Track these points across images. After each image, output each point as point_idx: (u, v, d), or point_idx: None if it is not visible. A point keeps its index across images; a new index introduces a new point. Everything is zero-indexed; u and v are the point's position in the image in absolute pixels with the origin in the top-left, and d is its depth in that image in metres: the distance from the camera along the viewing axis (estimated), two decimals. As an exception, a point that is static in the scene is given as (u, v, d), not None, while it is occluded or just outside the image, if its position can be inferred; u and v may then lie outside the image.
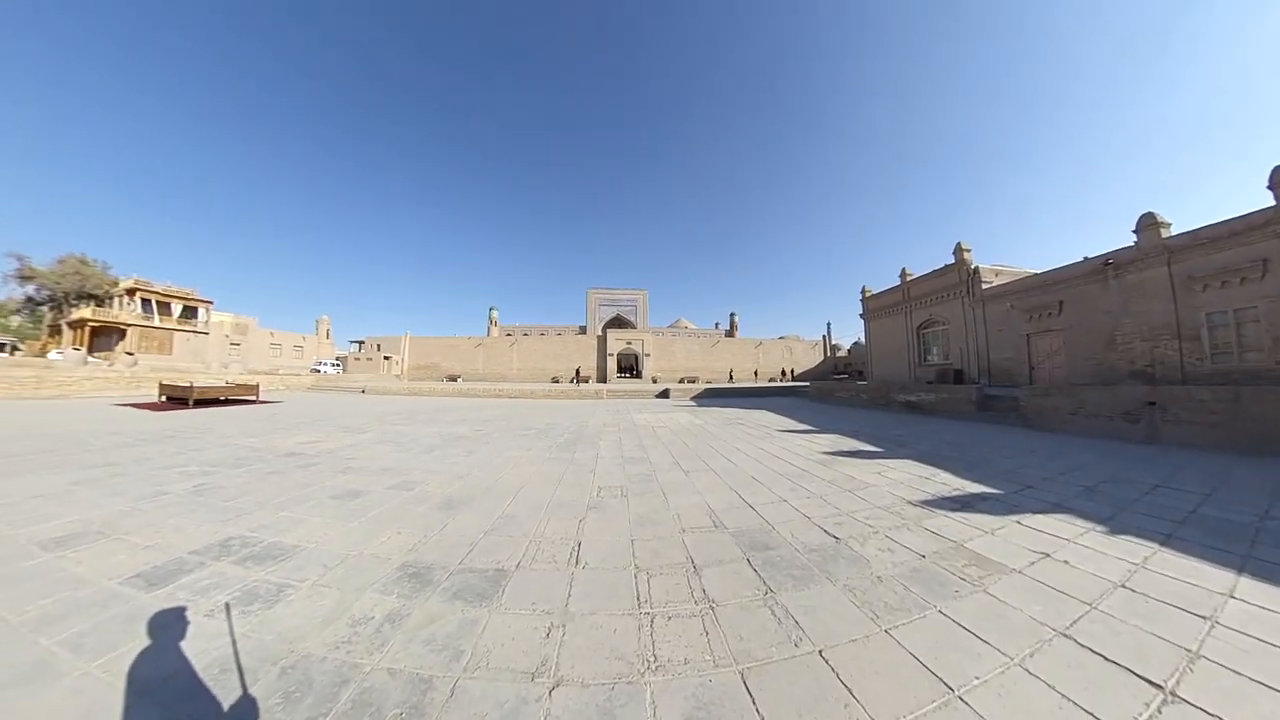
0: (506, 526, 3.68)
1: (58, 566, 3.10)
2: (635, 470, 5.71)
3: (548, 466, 6.01)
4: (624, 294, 52.67)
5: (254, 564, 3.06)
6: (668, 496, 4.50)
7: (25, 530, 3.82)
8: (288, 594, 2.63)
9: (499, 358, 47.13)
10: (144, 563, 3.13)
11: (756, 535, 3.41)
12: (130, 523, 4.01)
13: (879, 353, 25.28)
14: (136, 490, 5.11)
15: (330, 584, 2.76)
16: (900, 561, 2.94)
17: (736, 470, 5.64)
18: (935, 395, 13.49)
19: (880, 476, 5.28)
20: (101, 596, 2.64)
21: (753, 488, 4.80)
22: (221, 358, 38.13)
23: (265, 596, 2.61)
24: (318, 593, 2.65)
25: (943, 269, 20.24)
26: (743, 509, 4.06)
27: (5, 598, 2.62)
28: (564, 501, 4.36)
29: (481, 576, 2.79)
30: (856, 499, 4.37)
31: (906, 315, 22.71)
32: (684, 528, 3.58)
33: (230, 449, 7.58)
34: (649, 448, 7.41)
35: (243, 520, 4.02)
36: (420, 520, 3.91)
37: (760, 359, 47.58)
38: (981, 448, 7.28)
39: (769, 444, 7.67)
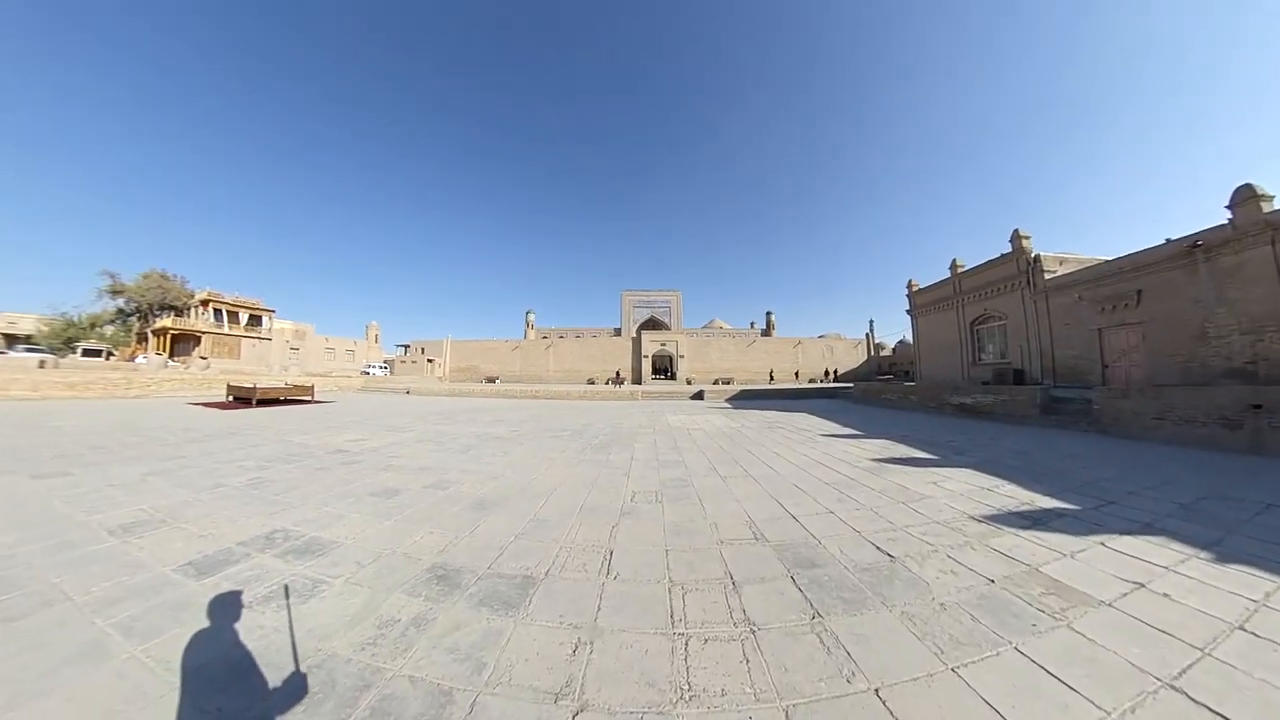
0: (537, 530, 3.62)
1: (122, 551, 3.33)
2: (670, 475, 5.54)
3: (581, 469, 5.95)
4: (658, 295, 52.51)
5: (294, 558, 3.16)
6: (704, 504, 4.30)
7: (99, 516, 4.15)
8: (321, 590, 2.68)
9: (536, 360, 48.08)
10: (197, 551, 3.31)
11: (801, 550, 3.15)
12: (190, 512, 4.27)
13: (928, 351, 23.79)
14: (199, 482, 5.47)
15: (362, 582, 2.79)
16: (965, 586, 2.62)
17: (777, 477, 5.36)
18: (993, 397, 12.51)
19: (937, 487, 4.86)
20: (155, 582, 2.81)
21: (795, 497, 4.52)
22: (282, 361, 41.03)
23: (300, 591, 2.67)
24: (349, 590, 2.68)
25: (998, 259, 18.62)
26: (785, 520, 3.80)
27: (74, 579, 2.84)
28: (596, 506, 4.26)
29: (509, 583, 2.72)
30: (911, 512, 4.00)
31: (958, 310, 21.19)
32: (722, 539, 3.37)
33: (284, 446, 8.02)
34: (684, 451, 7.21)
35: (289, 514, 4.19)
36: (452, 521, 3.92)
37: (799, 359, 46.07)
38: (1050, 456, 6.61)
39: (811, 449, 7.30)
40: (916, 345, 24.76)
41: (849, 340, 47.99)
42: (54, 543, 3.52)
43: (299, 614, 2.42)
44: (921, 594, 2.52)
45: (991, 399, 12.52)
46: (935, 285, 22.77)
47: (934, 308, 22.91)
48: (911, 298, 24.85)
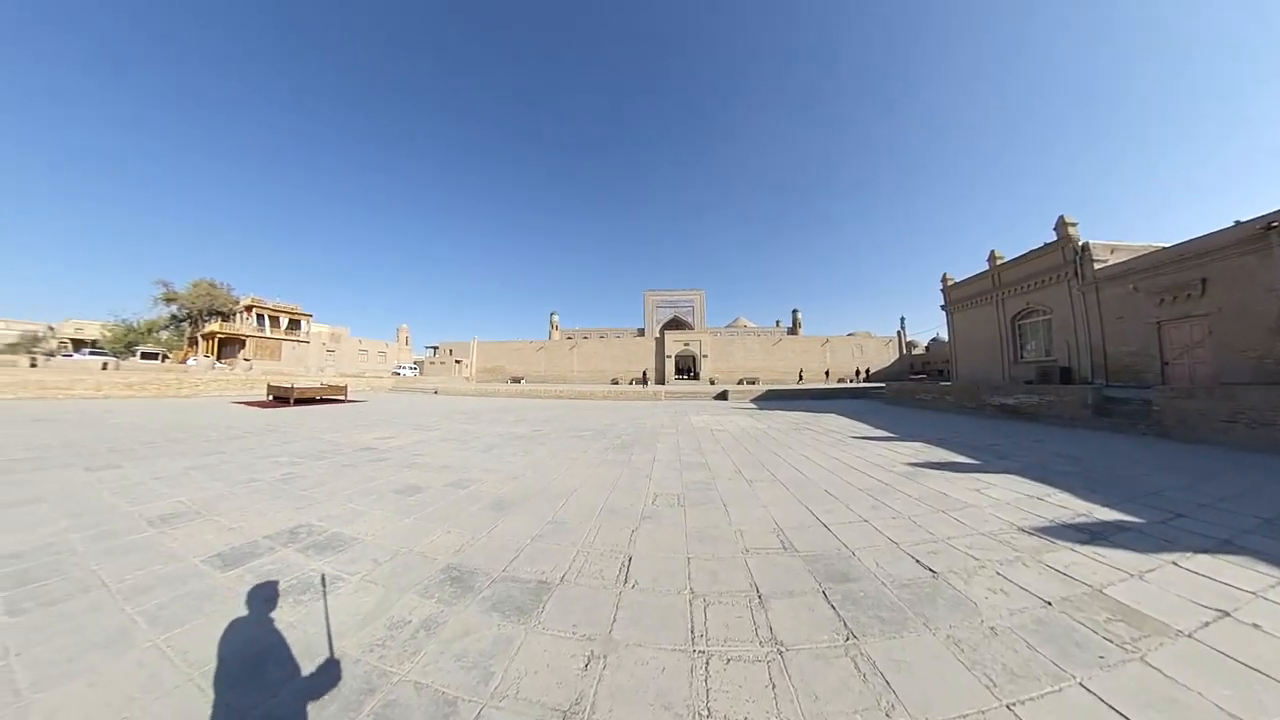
0: (555, 533, 3.53)
1: (157, 541, 3.47)
2: (693, 477, 5.37)
3: (602, 469, 5.87)
4: (681, 294, 52.18)
5: (315, 553, 3.21)
6: (729, 509, 4.12)
7: (140, 507, 4.37)
8: (337, 587, 2.69)
9: (560, 360, 48.54)
10: (225, 543, 3.42)
11: (834, 562, 2.93)
12: (224, 505, 4.44)
13: (965, 349, 22.63)
14: (236, 476, 5.68)
15: (377, 580, 2.78)
16: (1019, 608, 2.36)
17: (806, 482, 5.10)
18: (1038, 397, 11.75)
19: (980, 495, 4.52)
20: (184, 573, 2.90)
21: (827, 503, 4.26)
22: (319, 363, 42.88)
23: (317, 587, 2.69)
24: (364, 588, 2.67)
25: (1042, 249, 17.36)
26: (816, 529, 3.57)
27: (112, 566, 3.00)
28: (617, 509, 4.14)
29: (523, 588, 2.64)
30: (953, 522, 3.72)
31: (998, 305, 19.96)
32: (747, 547, 3.18)
33: (315, 443, 8.27)
34: (708, 452, 7.02)
35: (314, 509, 4.28)
36: (470, 520, 3.89)
37: (828, 358, 44.84)
38: (1106, 462, 6.10)
39: (842, 452, 6.99)
40: (952, 342, 23.64)
41: (879, 338, 46.41)
42: (98, 531, 3.72)
43: (313, 611, 2.42)
44: (969, 616, 2.29)
45: (1036, 399, 11.77)
46: (972, 279, 21.61)
47: (971, 303, 21.78)
48: (946, 292, 23.72)
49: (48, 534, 3.64)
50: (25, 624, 2.30)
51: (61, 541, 3.47)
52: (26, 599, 2.56)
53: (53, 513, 4.20)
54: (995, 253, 20.12)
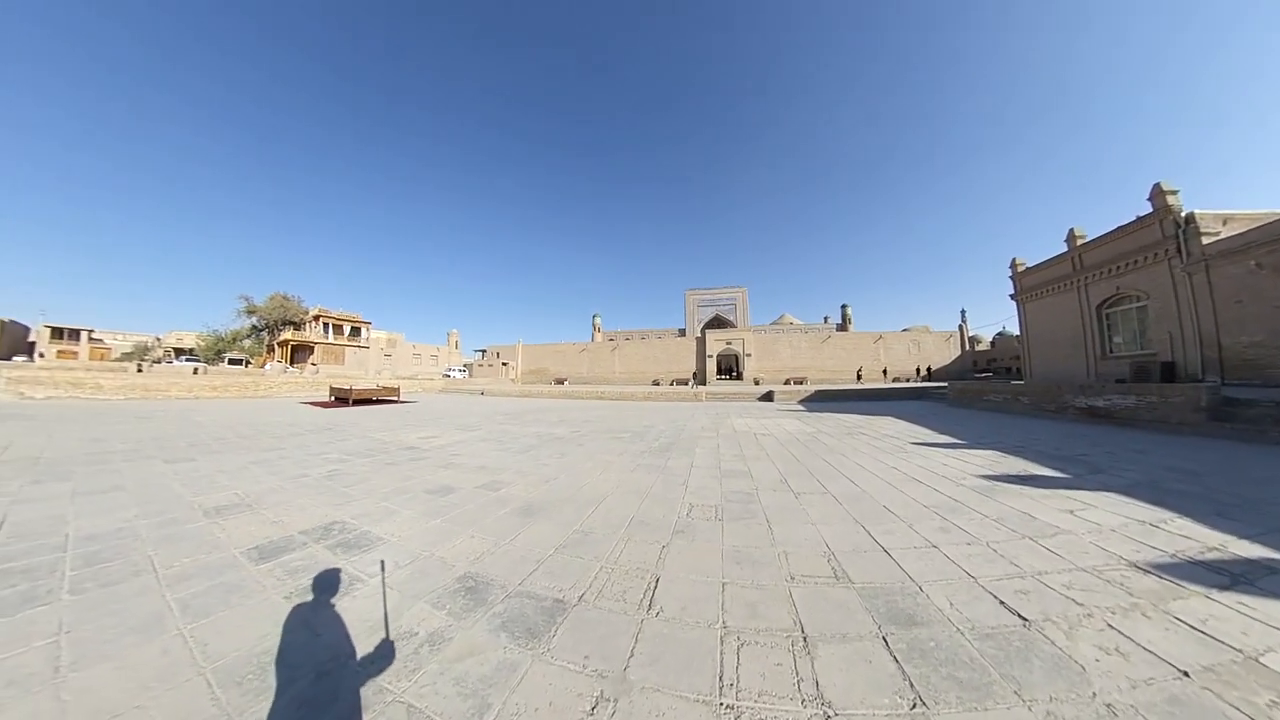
0: (580, 544, 3.32)
1: (207, 531, 3.65)
2: (734, 487, 4.98)
3: (637, 475, 5.61)
4: (722, 293, 51.08)
5: (342, 551, 3.23)
6: (772, 525, 3.69)
7: (200, 498, 4.67)
8: (355, 590, 2.66)
9: (602, 362, 48.96)
10: (264, 537, 3.53)
11: (897, 599, 2.47)
12: (272, 499, 4.64)
13: (1039, 343, 20.24)
14: (289, 471, 5.96)
15: (393, 585, 2.71)
16: (1144, 678, 1.83)
17: (862, 495, 4.57)
18: (1135, 398, 10.26)
19: (1075, 518, 3.84)
20: (222, 563, 3.02)
21: (886, 523, 3.74)
22: (378, 366, 45.95)
23: (337, 588, 2.69)
24: (378, 594, 2.61)
25: (1134, 223, 14.94)
26: (874, 554, 3.10)
27: (165, 553, 3.21)
28: (648, 520, 3.86)
29: (538, 605, 2.44)
30: (1044, 552, 3.12)
31: (1080, 291, 17.46)
32: (792, 574, 2.80)
33: (365, 441, 8.62)
34: (750, 459, 6.58)
35: (351, 506, 4.38)
36: (496, 525, 3.78)
37: (881, 355, 42.21)
38: (1234, 479, 5.08)
39: (902, 461, 6.33)
40: (1024, 336, 21.36)
41: (938, 333, 43.08)
42: (161, 519, 4.00)
43: (328, 614, 2.40)
44: (1075, 684, 1.81)
45: (1133, 401, 10.30)
46: (1048, 263, 19.20)
47: (1047, 290, 19.43)
48: (1017, 279, 21.36)
49: (121, 519, 3.96)
50: (83, 603, 2.49)
51: (130, 527, 3.75)
52: (89, 580, 2.77)
53: (129, 500, 4.58)
54: (1075, 231, 17.80)
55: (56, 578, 2.80)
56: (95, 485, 5.14)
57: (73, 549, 3.26)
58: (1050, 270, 19.20)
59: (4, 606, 2.44)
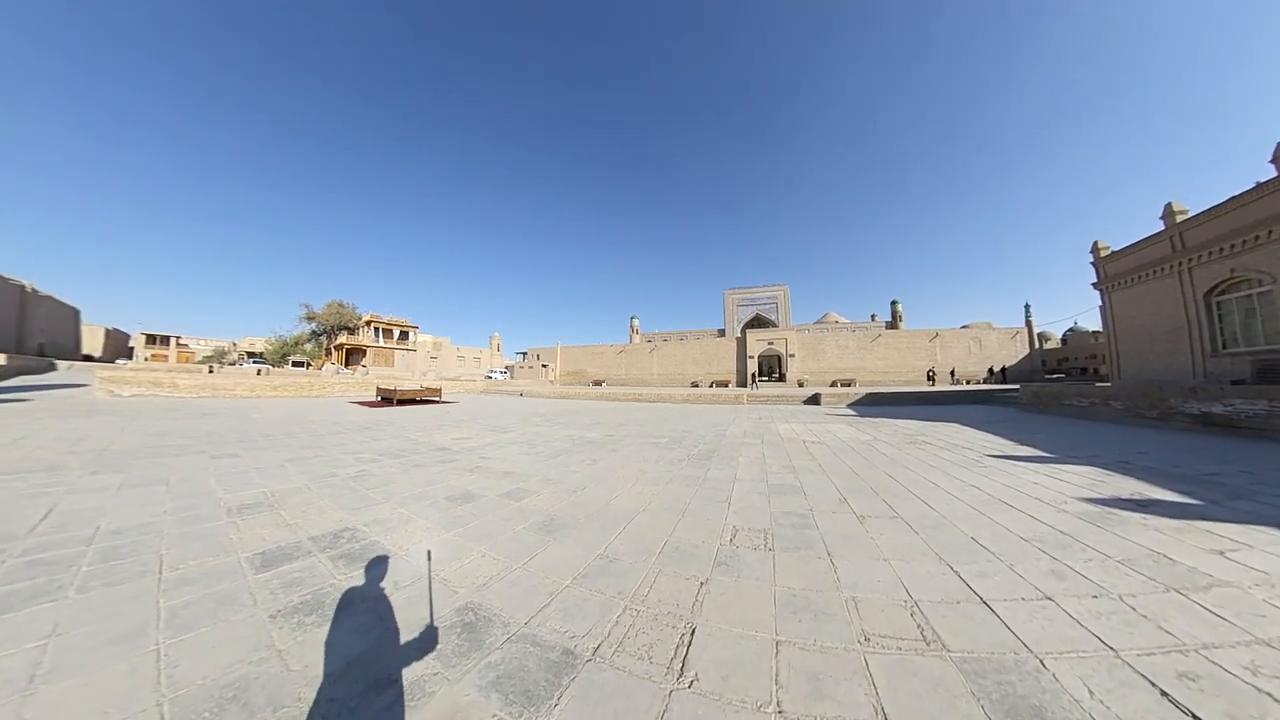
0: (603, 574, 2.85)
1: (223, 532, 3.56)
2: (784, 505, 4.33)
3: (673, 487, 5.09)
4: (763, 291, 49.49)
5: (344, 565, 2.99)
6: (834, 559, 3.06)
7: (230, 495, 4.65)
8: (344, 613, 2.37)
9: (640, 363, 48.72)
10: (273, 541, 3.37)
11: (1012, 679, 1.80)
12: (295, 499, 4.53)
13: (1130, 338, 17.77)
14: (319, 470, 5.91)
15: (383, 614, 2.38)
16: None
17: (941, 522, 3.79)
18: (1269, 405, 8.63)
19: (1230, 562, 2.97)
20: (225, 569, 2.89)
21: (978, 560, 2.99)
22: (424, 368, 48.02)
23: (327, 609, 2.41)
24: (371, 620, 2.31)
25: (1251, 192, 12.58)
26: (970, 607, 2.39)
27: (176, 553, 3.13)
28: (684, 546, 3.32)
29: (542, 658, 2.00)
30: (1202, 613, 2.32)
31: (1181, 276, 15.05)
32: (866, 633, 2.18)
33: (399, 441, 8.59)
34: (802, 471, 5.85)
35: (368, 511, 4.19)
36: (512, 543, 3.40)
37: (938, 354, 39.27)
38: None
39: (982, 478, 5.42)
40: (1111, 330, 18.99)
41: (1002, 330, 39.47)
42: (187, 515, 3.98)
43: (306, 641, 2.13)
44: None
45: (1264, 407, 8.68)
46: (1139, 245, 16.75)
47: (1138, 276, 17.01)
48: (1100, 265, 18.92)
49: (151, 514, 3.97)
50: (83, 603, 2.43)
51: (157, 523, 3.73)
52: (98, 578, 2.73)
53: (166, 494, 4.63)
54: (1174, 206, 15.44)
55: (72, 573, 2.79)
56: (143, 478, 5.28)
57: (97, 543, 3.27)
58: (1142, 253, 16.89)
59: (15, 600, 2.45)
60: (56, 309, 42.27)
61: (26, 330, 36.49)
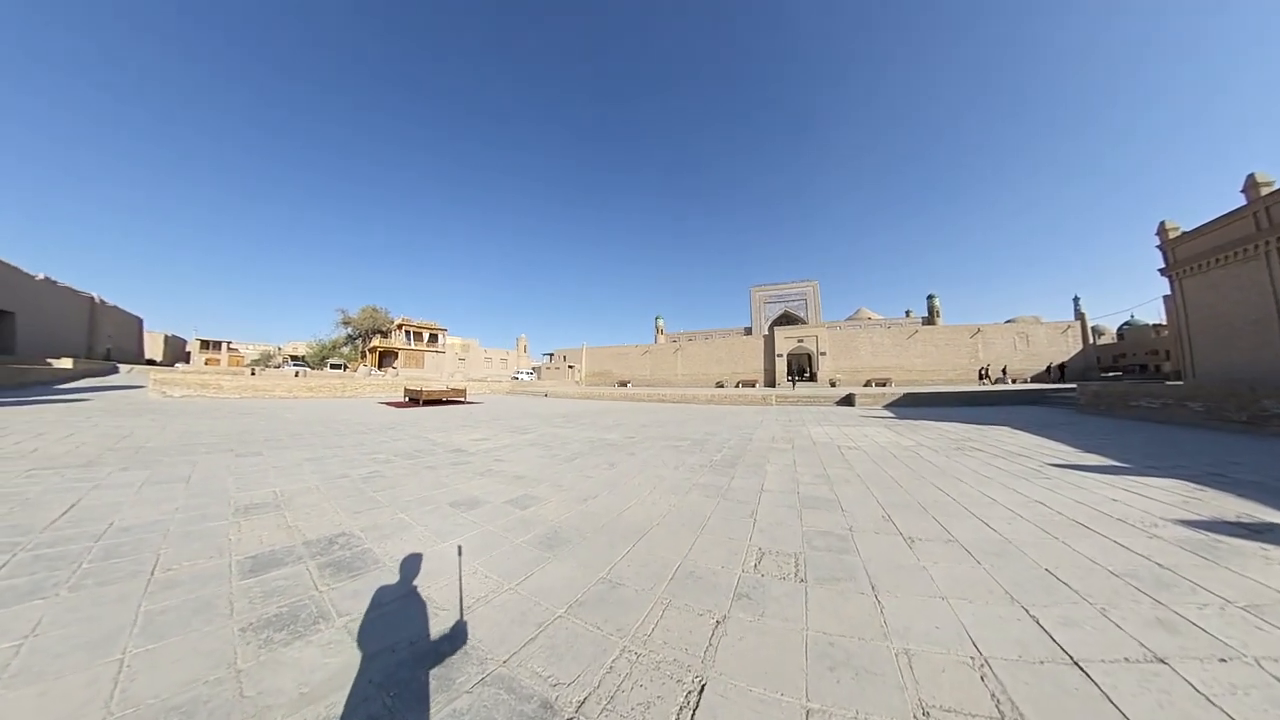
0: (603, 602, 2.49)
1: (223, 533, 3.47)
2: (818, 522, 3.81)
3: (693, 498, 4.66)
4: (791, 288, 48.01)
5: (331, 574, 2.82)
6: (880, 595, 2.54)
7: (242, 494, 4.61)
8: (314, 631, 2.19)
9: (665, 363, 48.28)
10: (269, 545, 3.25)
11: None
12: (302, 500, 4.43)
13: (1206, 330, 15.84)
14: (334, 470, 5.84)
15: (344, 642, 2.12)
16: None
17: (1005, 548, 3.21)
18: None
19: (1402, 611, 2.38)
20: (212, 573, 2.77)
21: (1058, 601, 2.44)
22: (452, 370, 49.13)
23: (299, 625, 2.24)
24: (337, 643, 2.09)
25: None
26: (1058, 670, 1.87)
27: (174, 553, 3.05)
28: (699, 570, 2.89)
29: (515, 710, 1.67)
30: None
31: (1270, 257, 13.21)
32: (924, 705, 1.67)
33: (417, 442, 8.52)
34: (837, 482, 5.27)
35: (368, 515, 4.03)
36: (508, 558, 3.11)
37: (980, 351, 36.91)
38: None
39: (1047, 493, 4.71)
40: (1182, 322, 17.17)
41: (1050, 324, 36.43)
42: (196, 514, 3.88)
43: (268, 661, 1.96)
44: None
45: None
46: (1218, 223, 14.82)
47: (1216, 259, 15.12)
48: (1168, 248, 17.01)
49: (163, 511, 3.95)
50: (69, 603, 2.38)
51: (165, 521, 3.70)
52: (92, 576, 2.68)
53: (183, 492, 4.63)
54: (1258, 177, 13.63)
55: (71, 569, 2.76)
56: (168, 475, 5.34)
57: (105, 539, 3.26)
58: (1220, 233, 15.09)
59: (10, 596, 2.43)
60: (122, 318, 45.49)
61: (96, 337, 39.37)
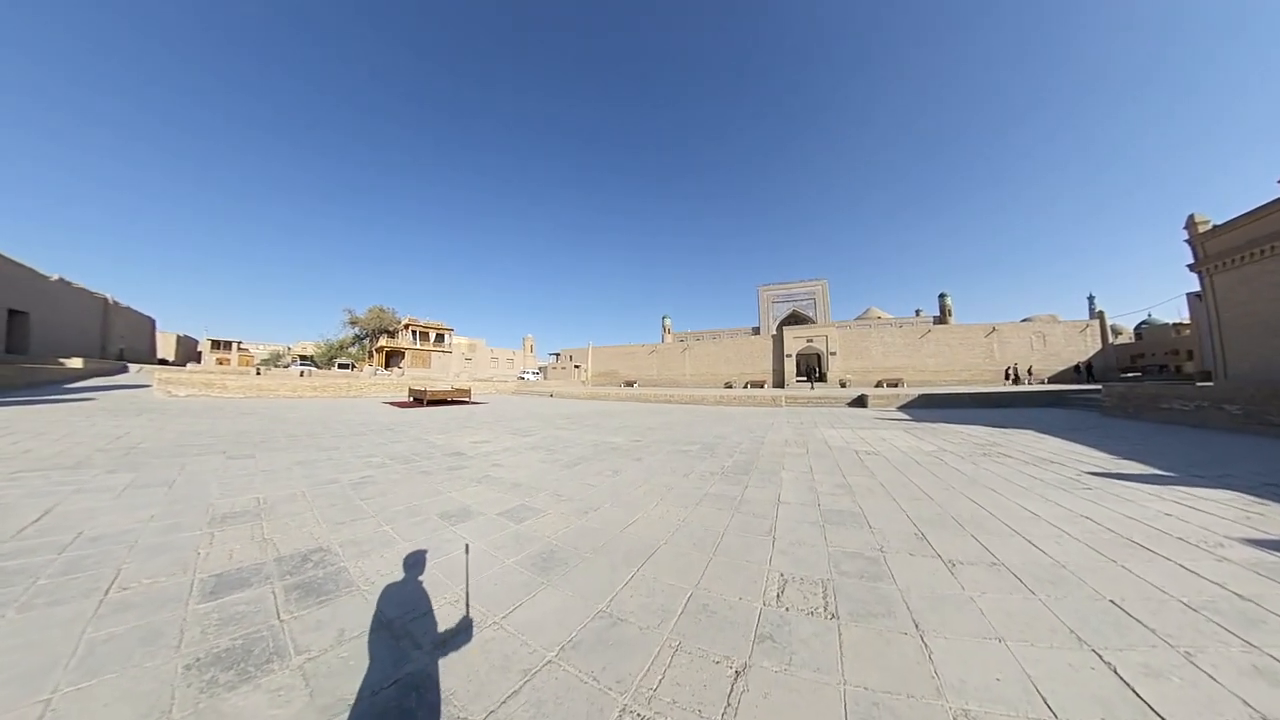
0: (599, 645, 2.11)
1: (195, 546, 3.23)
2: (845, 541, 3.41)
3: (703, 511, 4.26)
4: (799, 287, 47.40)
5: (297, 598, 2.54)
6: (925, 637, 2.13)
7: (225, 500, 4.42)
8: (266, 672, 1.90)
9: (671, 363, 47.86)
10: (238, 561, 3.00)
11: None
12: (285, 509, 4.19)
13: (1241, 328, 14.84)
14: (324, 475, 5.60)
15: (313, 677, 1.87)
16: None
17: (1060, 573, 2.80)
18: None
19: None
20: (170, 594, 2.55)
21: (1134, 642, 2.07)
22: (458, 369, 49.20)
23: (250, 663, 1.96)
24: (288, 689, 1.81)
25: None
26: None
27: (136, 569, 2.83)
28: (714, 604, 2.48)
29: None
30: None
31: None
32: None
33: (416, 444, 8.26)
34: (860, 493, 4.81)
35: (350, 528, 3.75)
36: (495, 584, 2.75)
37: (995, 350, 36.05)
38: None
39: (1090, 504, 4.29)
40: (1214, 320, 16.38)
41: (1068, 323, 35.40)
42: (170, 524, 3.67)
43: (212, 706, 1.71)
44: None
45: None
46: (1254, 214, 13.82)
47: (1251, 254, 14.21)
48: (1198, 243, 16.15)
49: (137, 520, 3.74)
50: (14, 625, 2.19)
51: (136, 530, 3.49)
52: (45, 594, 2.50)
53: (163, 498, 4.44)
54: None
55: (26, 585, 2.59)
56: (153, 479, 5.15)
57: (70, 551, 3.08)
58: (1256, 225, 14.27)
59: None
60: (135, 319, 46.01)
61: (109, 338, 39.81)
